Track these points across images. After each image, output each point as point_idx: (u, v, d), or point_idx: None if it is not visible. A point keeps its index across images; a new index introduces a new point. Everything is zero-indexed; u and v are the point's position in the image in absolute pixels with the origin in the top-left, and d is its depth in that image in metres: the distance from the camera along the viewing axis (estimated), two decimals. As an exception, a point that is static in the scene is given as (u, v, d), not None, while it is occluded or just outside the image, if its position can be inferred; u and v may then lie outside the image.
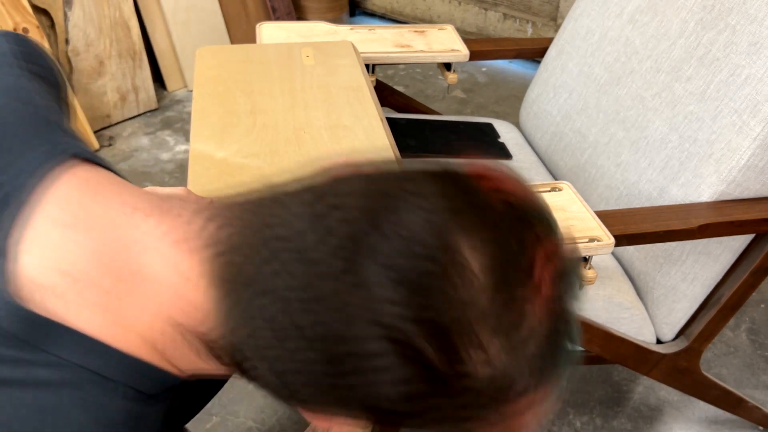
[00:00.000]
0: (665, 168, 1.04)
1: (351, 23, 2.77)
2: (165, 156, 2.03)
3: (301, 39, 1.22)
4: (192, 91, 1.12)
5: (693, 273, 1.03)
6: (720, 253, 1.02)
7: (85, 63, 1.99)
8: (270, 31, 1.23)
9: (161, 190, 0.55)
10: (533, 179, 1.25)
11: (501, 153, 1.33)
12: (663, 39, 1.10)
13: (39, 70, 0.56)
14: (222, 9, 2.26)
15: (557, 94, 1.32)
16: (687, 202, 1.00)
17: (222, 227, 0.41)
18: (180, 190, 0.56)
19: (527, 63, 2.51)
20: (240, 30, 2.33)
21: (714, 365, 1.44)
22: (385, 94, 1.44)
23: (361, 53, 1.11)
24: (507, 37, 2.47)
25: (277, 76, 0.98)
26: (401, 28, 1.32)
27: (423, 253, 0.37)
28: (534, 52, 1.44)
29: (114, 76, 2.07)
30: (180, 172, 1.97)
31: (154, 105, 2.21)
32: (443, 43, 1.28)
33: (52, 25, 1.90)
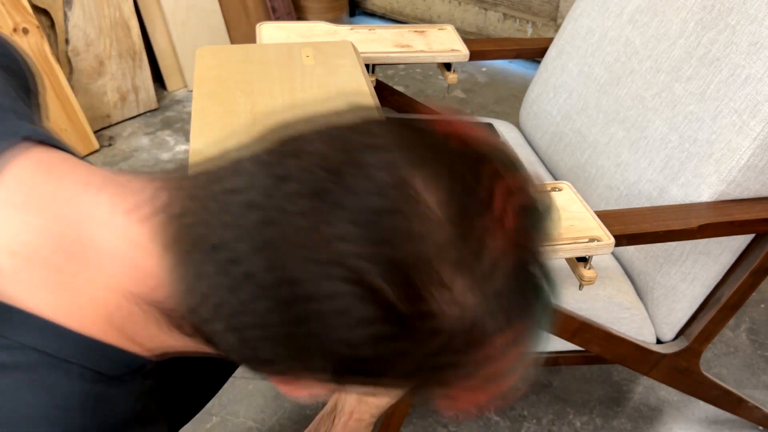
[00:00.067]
0: (665, 168, 1.04)
1: (351, 23, 2.77)
2: (165, 156, 2.03)
3: (301, 39, 1.22)
4: (192, 91, 1.12)
5: (693, 273, 1.03)
6: (720, 253, 1.02)
7: (85, 63, 1.99)
8: (270, 31, 1.23)
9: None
10: (533, 179, 1.25)
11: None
12: (663, 39, 1.11)
13: None
14: (222, 9, 2.26)
15: (557, 94, 1.32)
16: (687, 202, 1.00)
17: (173, 191, 0.41)
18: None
19: (527, 63, 2.51)
20: (240, 30, 2.33)
21: (714, 365, 1.44)
22: (385, 94, 1.44)
23: (361, 53, 1.11)
24: (507, 37, 2.46)
25: (277, 76, 0.98)
26: (401, 28, 1.32)
27: (374, 189, 0.36)
28: (534, 52, 1.44)
29: (114, 76, 2.07)
30: (180, 172, 1.97)
31: (154, 105, 2.21)
32: (443, 43, 1.28)
33: (52, 25, 1.90)
